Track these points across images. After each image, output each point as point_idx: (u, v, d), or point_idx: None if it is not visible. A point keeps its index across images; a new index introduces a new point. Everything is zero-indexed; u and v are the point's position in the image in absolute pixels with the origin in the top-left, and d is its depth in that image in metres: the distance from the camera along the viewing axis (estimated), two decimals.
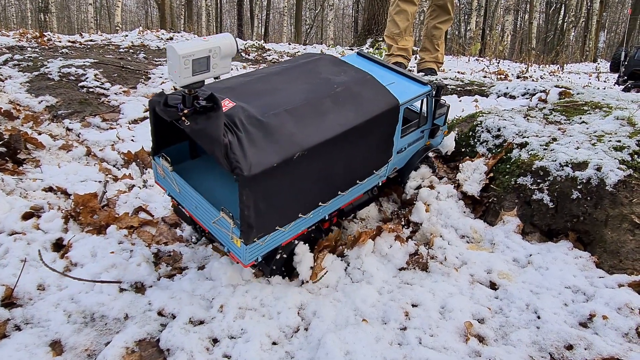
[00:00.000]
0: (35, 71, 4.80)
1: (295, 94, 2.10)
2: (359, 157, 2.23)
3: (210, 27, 24.59)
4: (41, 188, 2.88)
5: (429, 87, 2.57)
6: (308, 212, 2.09)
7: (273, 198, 1.87)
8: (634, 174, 2.42)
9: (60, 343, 1.86)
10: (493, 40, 13.65)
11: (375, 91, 2.31)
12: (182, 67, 1.64)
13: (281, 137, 1.85)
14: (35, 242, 2.37)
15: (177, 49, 1.62)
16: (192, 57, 1.66)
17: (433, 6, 5.78)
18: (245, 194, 1.73)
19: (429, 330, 1.92)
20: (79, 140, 3.69)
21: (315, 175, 2.02)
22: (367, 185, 2.43)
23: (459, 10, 22.95)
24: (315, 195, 2.10)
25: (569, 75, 9.49)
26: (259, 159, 1.74)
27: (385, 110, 2.26)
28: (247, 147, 1.74)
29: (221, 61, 1.77)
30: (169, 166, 2.11)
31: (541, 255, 2.36)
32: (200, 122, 1.74)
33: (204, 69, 1.72)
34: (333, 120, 2.05)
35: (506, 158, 2.88)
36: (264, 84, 2.15)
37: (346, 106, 2.13)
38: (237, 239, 1.88)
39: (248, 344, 1.83)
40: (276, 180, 1.83)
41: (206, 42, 1.71)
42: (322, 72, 2.34)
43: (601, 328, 1.90)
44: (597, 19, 18.28)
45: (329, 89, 2.17)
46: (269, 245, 2.00)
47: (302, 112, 2.00)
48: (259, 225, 1.86)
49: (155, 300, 2.05)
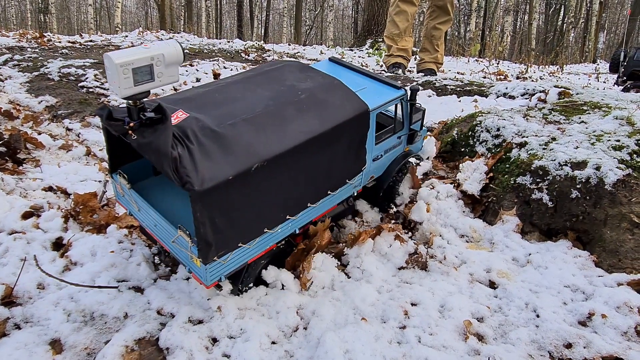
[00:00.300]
0: (35, 71, 4.81)
1: (256, 102, 1.98)
2: (328, 166, 2.11)
3: (210, 27, 24.61)
4: (41, 188, 2.89)
5: (403, 91, 2.48)
6: (275, 227, 1.96)
7: (232, 213, 1.75)
8: (633, 173, 2.42)
9: (60, 342, 1.86)
10: (492, 41, 13.67)
11: (343, 97, 2.19)
12: (121, 77, 1.52)
13: (238, 148, 1.74)
14: (35, 241, 2.37)
15: (113, 57, 1.50)
16: (132, 66, 1.54)
17: (433, 7, 5.79)
18: (199, 209, 1.62)
19: (428, 329, 1.92)
20: (78, 140, 3.69)
21: (278, 187, 1.89)
22: (341, 196, 2.30)
23: (458, 11, 22.97)
24: (281, 208, 1.97)
25: (569, 76, 9.50)
26: (212, 173, 1.63)
27: (353, 116, 2.13)
28: (199, 160, 1.63)
29: (167, 69, 1.65)
30: (127, 184, 2.01)
31: (540, 254, 2.36)
32: (147, 135, 1.62)
33: (148, 79, 1.60)
34: (296, 128, 1.93)
35: (505, 158, 2.89)
36: (223, 93, 2.03)
37: (310, 113, 2.01)
38: (196, 259, 1.76)
39: (247, 344, 1.83)
40: (233, 194, 1.72)
41: (147, 49, 1.60)
42: (286, 79, 2.22)
43: (600, 327, 1.90)
44: (597, 19, 18.30)
45: (292, 96, 2.06)
46: (233, 263, 1.87)
47: (262, 121, 1.88)
48: (218, 243, 1.74)
49: (154, 300, 2.05)
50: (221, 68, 5.85)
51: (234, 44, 8.76)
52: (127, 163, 2.11)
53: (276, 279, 2.13)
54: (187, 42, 8.47)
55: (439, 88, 5.35)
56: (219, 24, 26.61)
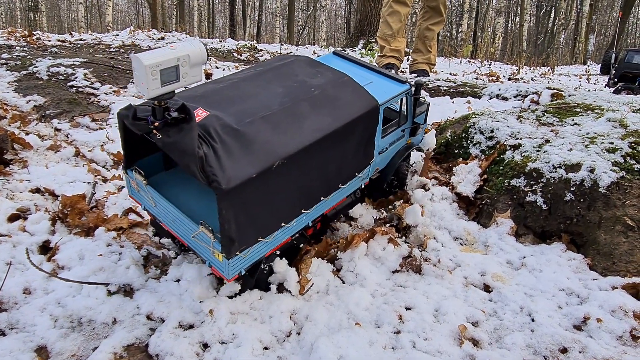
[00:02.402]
0: (24, 70, 4.72)
1: (270, 99, 2.01)
2: (340, 161, 2.16)
3: (202, 27, 24.48)
4: (28, 189, 2.82)
5: (408, 85, 2.53)
6: (290, 221, 2.01)
7: (253, 209, 1.79)
8: (627, 175, 2.42)
9: (46, 348, 1.81)
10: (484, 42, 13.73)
11: (354, 93, 2.24)
12: (149, 79, 1.55)
13: (258, 147, 1.78)
14: (22, 245, 2.32)
15: (142, 59, 1.53)
16: (160, 67, 1.56)
17: (425, 8, 5.79)
18: (224, 207, 1.65)
19: (423, 334, 1.90)
20: (67, 141, 3.63)
21: (295, 183, 1.94)
22: (350, 189, 2.36)
23: (450, 12, 23.07)
24: (297, 203, 2.02)
25: (560, 78, 9.56)
26: (236, 171, 1.67)
27: (364, 112, 2.19)
28: (224, 159, 1.66)
29: (191, 69, 1.68)
30: (143, 180, 2.02)
31: (535, 257, 2.35)
32: (172, 134, 1.66)
33: (174, 79, 1.63)
34: (311, 125, 1.97)
35: (499, 160, 2.88)
36: (236, 89, 2.06)
37: (324, 110, 2.06)
38: (218, 253, 1.80)
39: (239, 349, 1.79)
40: (255, 191, 1.76)
41: (174, 50, 1.62)
42: (297, 74, 2.26)
43: (595, 331, 1.89)
44: (587, 22, 18.47)
45: (305, 93, 2.10)
46: (252, 257, 1.92)
47: (279, 118, 1.92)
48: (240, 239, 1.79)
49: (143, 304, 2.01)
50: (213, 68, 5.79)
51: (227, 43, 8.71)
52: (140, 159, 2.12)
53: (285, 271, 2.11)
54: (179, 41, 8.40)
55: (432, 89, 5.35)
56: (211, 24, 26.48)
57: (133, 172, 2.05)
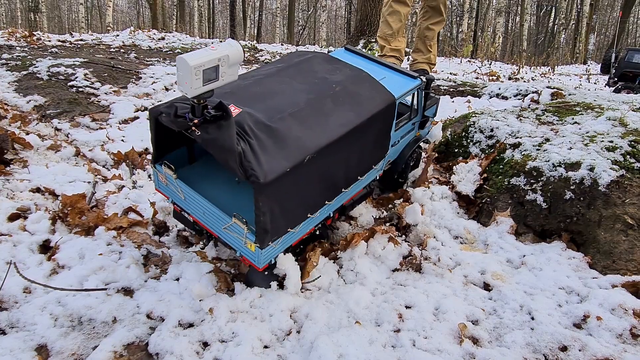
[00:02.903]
0: (24, 70, 4.73)
1: (296, 95, 2.11)
2: (360, 154, 2.26)
3: (202, 27, 24.49)
4: (28, 189, 2.82)
5: (419, 80, 2.62)
6: (316, 212, 2.12)
7: (285, 202, 1.88)
8: (627, 174, 2.42)
9: (47, 347, 1.81)
10: (485, 42, 13.73)
11: (372, 89, 2.34)
12: (193, 78, 1.63)
13: (290, 142, 1.88)
14: (22, 244, 2.32)
15: (188, 60, 1.60)
16: (203, 68, 1.64)
17: (425, 7, 5.78)
18: (262, 200, 1.75)
19: (422, 332, 1.90)
20: (67, 141, 3.63)
21: (321, 176, 2.05)
22: (367, 180, 2.47)
23: (451, 12, 23.07)
24: (321, 194, 2.12)
25: (560, 77, 9.55)
26: (272, 166, 1.76)
27: (383, 108, 2.29)
28: (260, 154, 1.75)
29: (229, 69, 1.76)
30: (173, 174, 2.09)
31: (535, 256, 2.35)
32: (212, 131, 1.73)
33: (214, 78, 1.71)
34: (336, 121, 2.08)
35: (499, 159, 2.88)
36: (262, 86, 2.14)
37: (346, 106, 2.16)
38: (251, 244, 1.89)
39: (239, 348, 1.79)
40: (288, 184, 1.85)
41: (215, 51, 1.69)
42: (317, 71, 2.35)
43: (595, 329, 1.89)
44: (587, 21, 18.45)
45: (327, 89, 2.20)
46: (281, 246, 2.02)
47: (306, 114, 2.02)
48: (273, 230, 1.87)
49: (143, 303, 2.01)
50: None
51: None
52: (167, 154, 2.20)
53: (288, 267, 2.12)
54: (179, 41, 8.41)
55: (432, 88, 5.34)
56: (211, 24, 26.49)
57: (162, 166, 2.12)
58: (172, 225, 2.67)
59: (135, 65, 5.68)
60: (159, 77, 5.11)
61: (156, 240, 2.51)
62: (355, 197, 2.48)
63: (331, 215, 2.29)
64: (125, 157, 3.41)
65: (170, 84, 4.97)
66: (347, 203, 2.43)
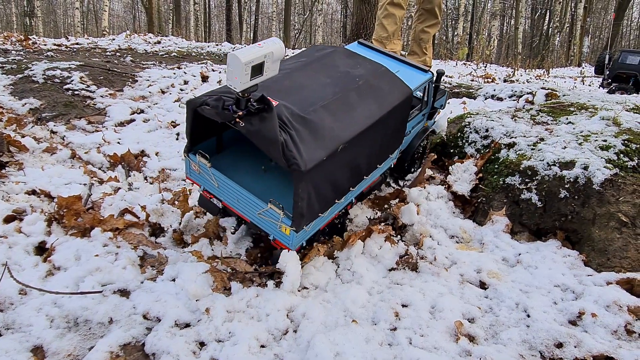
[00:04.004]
0: (19, 74, 4.72)
1: (323, 89, 2.25)
2: (380, 143, 2.42)
3: (198, 31, 24.51)
4: (24, 191, 2.82)
5: (430, 74, 2.79)
6: (342, 198, 2.26)
7: (319, 188, 2.02)
8: (620, 172, 2.44)
9: (42, 348, 1.81)
10: (480, 45, 13.80)
11: (391, 82, 2.50)
12: (243, 73, 1.75)
13: (324, 133, 2.02)
14: (17, 246, 2.31)
15: (240, 57, 1.73)
16: (252, 64, 1.77)
17: (421, 10, 5.81)
18: (301, 187, 1.88)
19: (419, 330, 1.90)
20: (63, 143, 3.63)
21: (349, 164, 2.20)
22: (384, 168, 2.64)
23: (446, 15, 23.17)
24: (347, 181, 2.27)
25: (555, 79, 9.61)
26: (310, 155, 1.89)
27: (402, 100, 2.45)
28: (299, 144, 1.88)
29: (272, 65, 1.89)
30: (207, 163, 2.21)
31: (530, 254, 2.36)
32: (255, 123, 1.85)
33: (259, 73, 1.84)
34: (361, 113, 2.23)
35: (494, 158, 2.89)
36: (291, 80, 2.28)
37: (370, 99, 2.32)
38: (285, 227, 2.02)
39: (236, 347, 1.79)
40: (323, 172, 1.99)
41: (261, 48, 1.82)
42: (339, 65, 2.49)
43: (590, 326, 1.90)
44: (581, 24, 18.58)
45: (351, 83, 2.34)
46: (312, 230, 2.17)
47: (335, 107, 2.17)
48: (308, 214, 2.01)
49: (140, 304, 2.00)
50: (209, 71, 5.81)
51: (223, 47, 8.73)
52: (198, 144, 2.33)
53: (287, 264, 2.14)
54: (175, 45, 8.41)
55: None
56: (207, 28, 26.51)
57: (196, 155, 2.25)
58: (167, 225, 2.67)
59: (131, 68, 5.68)
60: (155, 80, 5.12)
61: (152, 241, 2.51)
62: (373, 185, 2.66)
63: (353, 201, 2.48)
64: (121, 159, 3.41)
65: (167, 86, 4.97)
66: (366, 190, 2.60)
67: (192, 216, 2.69)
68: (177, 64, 6.30)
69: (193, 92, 4.88)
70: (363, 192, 2.57)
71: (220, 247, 2.50)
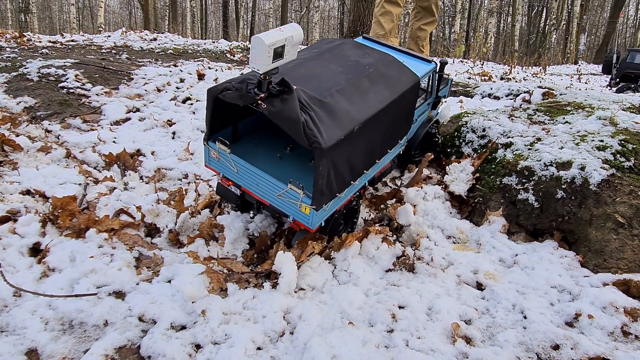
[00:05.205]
0: (14, 72, 4.68)
1: (336, 76, 2.35)
2: (391, 128, 2.52)
3: (195, 28, 24.38)
4: (18, 191, 2.79)
5: (434, 64, 2.88)
6: (357, 180, 2.35)
7: (338, 168, 2.11)
8: (617, 173, 2.43)
9: (37, 351, 1.79)
10: (477, 42, 13.80)
11: (399, 70, 2.61)
12: (266, 56, 1.84)
13: (341, 114, 2.11)
14: (11, 247, 2.29)
15: (264, 39, 1.82)
16: (274, 46, 1.86)
17: (418, 8, 5.80)
18: (322, 165, 1.95)
19: (416, 332, 1.90)
20: (58, 142, 3.60)
21: (364, 145, 2.28)
22: (393, 154, 2.73)
23: (443, 12, 23.14)
24: (362, 164, 2.36)
25: (551, 77, 9.61)
26: (329, 134, 1.98)
27: (411, 86, 2.55)
28: (319, 124, 1.96)
29: (292, 49, 1.98)
30: (226, 149, 2.29)
31: (527, 255, 2.36)
32: (277, 104, 1.95)
33: (280, 57, 1.94)
34: (374, 97, 2.33)
35: (491, 158, 2.89)
36: (305, 69, 2.36)
37: (381, 85, 2.42)
38: (305, 207, 2.11)
39: (232, 350, 1.78)
40: (341, 151, 2.07)
41: (282, 32, 1.91)
42: (349, 55, 2.59)
43: (587, 327, 1.90)
44: (578, 22, 18.60)
45: (363, 71, 2.44)
46: (330, 210, 2.26)
47: (349, 92, 2.26)
48: (327, 192, 2.09)
49: (135, 306, 1.99)
50: (206, 68, 5.77)
51: (219, 44, 8.68)
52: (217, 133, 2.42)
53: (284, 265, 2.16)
54: (171, 42, 8.37)
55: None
56: (204, 25, 26.38)
57: (216, 143, 2.32)
58: (163, 226, 2.65)
59: (127, 66, 5.65)
60: (150, 78, 5.08)
61: (148, 241, 2.50)
62: (383, 170, 2.75)
63: (366, 185, 2.56)
64: (116, 158, 3.39)
65: (163, 84, 4.94)
66: (377, 175, 2.70)
67: (187, 216, 2.68)
68: (173, 62, 6.26)
69: (189, 90, 4.84)
70: (374, 176, 2.67)
71: (216, 247, 2.49)
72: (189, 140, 3.75)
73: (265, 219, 2.69)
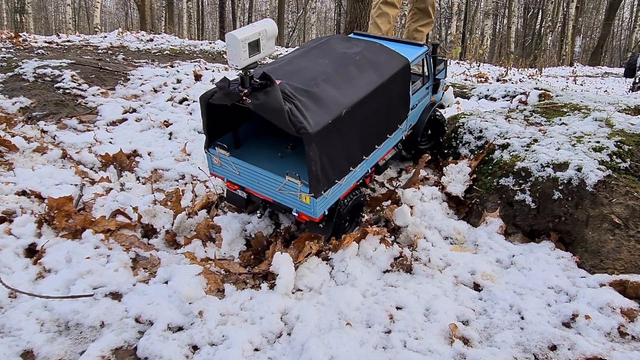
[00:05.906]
0: (9, 72, 4.66)
1: (323, 67, 2.38)
2: (386, 111, 2.54)
3: (191, 29, 24.34)
4: (14, 192, 2.78)
5: (426, 47, 2.91)
6: (356, 166, 2.37)
7: (330, 152, 2.12)
8: (613, 174, 2.45)
9: (33, 353, 1.78)
10: (473, 44, 13.84)
11: (388, 55, 2.62)
12: (241, 51, 1.89)
13: (327, 101, 2.14)
14: (7, 248, 2.28)
15: (236, 35, 1.88)
16: (248, 41, 1.91)
17: (414, 9, 5.81)
18: (312, 150, 1.98)
19: (413, 333, 1.90)
20: (54, 143, 3.58)
21: (357, 130, 2.30)
22: (395, 140, 2.76)
23: (439, 14, 23.20)
24: (359, 149, 2.38)
25: (547, 79, 9.65)
26: (316, 119, 2.01)
27: (400, 69, 2.56)
28: (304, 111, 2.01)
29: (267, 42, 2.03)
30: (226, 153, 2.34)
31: (524, 255, 2.36)
32: (260, 97, 2.00)
33: (256, 51, 1.98)
34: (362, 82, 2.36)
35: (488, 159, 2.89)
36: (292, 65, 2.40)
37: (369, 70, 2.44)
38: (305, 196, 2.14)
39: (229, 351, 1.78)
40: (331, 136, 2.10)
41: (255, 27, 1.97)
42: (336, 48, 2.62)
43: (584, 328, 1.91)
44: (573, 24, 18.68)
45: (349, 59, 2.47)
46: (331, 198, 2.28)
47: (336, 79, 2.29)
48: (323, 178, 2.12)
49: (132, 307, 1.98)
50: (202, 69, 5.76)
51: (216, 45, 8.67)
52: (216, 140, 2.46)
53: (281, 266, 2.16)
54: (168, 43, 8.34)
55: None
56: (200, 25, 26.34)
57: (215, 149, 2.38)
58: (159, 227, 2.65)
59: (123, 66, 5.63)
60: (147, 79, 5.07)
61: (145, 242, 2.49)
62: (387, 157, 2.77)
63: (369, 172, 2.58)
64: (113, 159, 3.37)
65: (159, 85, 4.93)
66: (381, 162, 2.71)
67: (184, 217, 2.67)
68: (170, 62, 6.25)
69: (186, 91, 4.83)
70: (378, 163, 2.68)
71: (213, 248, 2.48)
72: (185, 141, 3.74)
73: (262, 220, 2.68)
